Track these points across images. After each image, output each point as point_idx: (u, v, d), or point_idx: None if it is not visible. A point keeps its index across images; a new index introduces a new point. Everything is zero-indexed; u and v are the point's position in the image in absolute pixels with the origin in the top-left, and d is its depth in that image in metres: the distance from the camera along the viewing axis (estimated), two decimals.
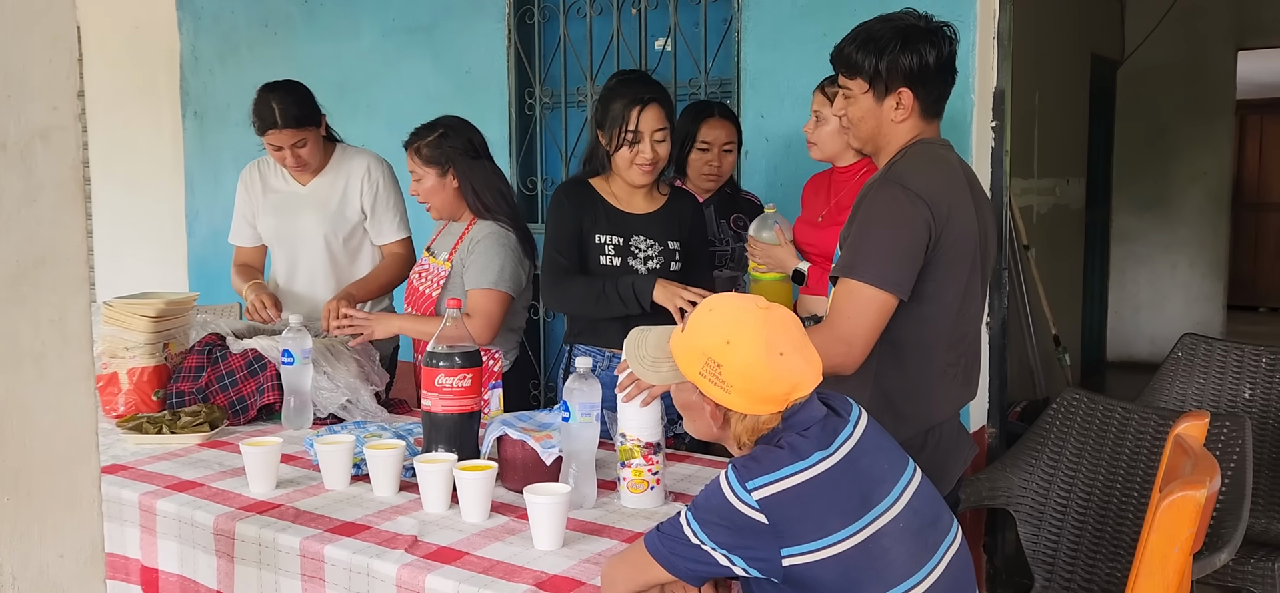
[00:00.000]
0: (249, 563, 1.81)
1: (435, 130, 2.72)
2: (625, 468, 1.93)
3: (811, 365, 1.49)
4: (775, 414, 1.48)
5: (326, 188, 3.09)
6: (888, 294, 1.83)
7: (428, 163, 2.71)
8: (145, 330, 2.60)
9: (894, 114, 1.95)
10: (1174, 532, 1.36)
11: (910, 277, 1.85)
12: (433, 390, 2.04)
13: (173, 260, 5.03)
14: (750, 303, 1.51)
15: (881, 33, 1.94)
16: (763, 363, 1.45)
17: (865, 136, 2.01)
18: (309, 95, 3.02)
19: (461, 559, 1.66)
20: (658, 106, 2.52)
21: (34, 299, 1.33)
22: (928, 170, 1.90)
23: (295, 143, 2.96)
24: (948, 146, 2.02)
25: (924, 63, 1.91)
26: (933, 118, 2.00)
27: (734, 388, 1.46)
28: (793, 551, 1.38)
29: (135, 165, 5.11)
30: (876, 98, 1.96)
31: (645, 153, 2.51)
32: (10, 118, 1.30)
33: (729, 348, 1.46)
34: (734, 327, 1.47)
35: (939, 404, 1.98)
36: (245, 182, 3.19)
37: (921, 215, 1.83)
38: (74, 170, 1.38)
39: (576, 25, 3.86)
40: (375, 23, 4.29)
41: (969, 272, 1.95)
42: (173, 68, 4.93)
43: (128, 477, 2.10)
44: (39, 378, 1.34)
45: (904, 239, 1.84)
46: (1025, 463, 2.68)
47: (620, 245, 2.56)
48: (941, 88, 1.98)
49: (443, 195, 2.72)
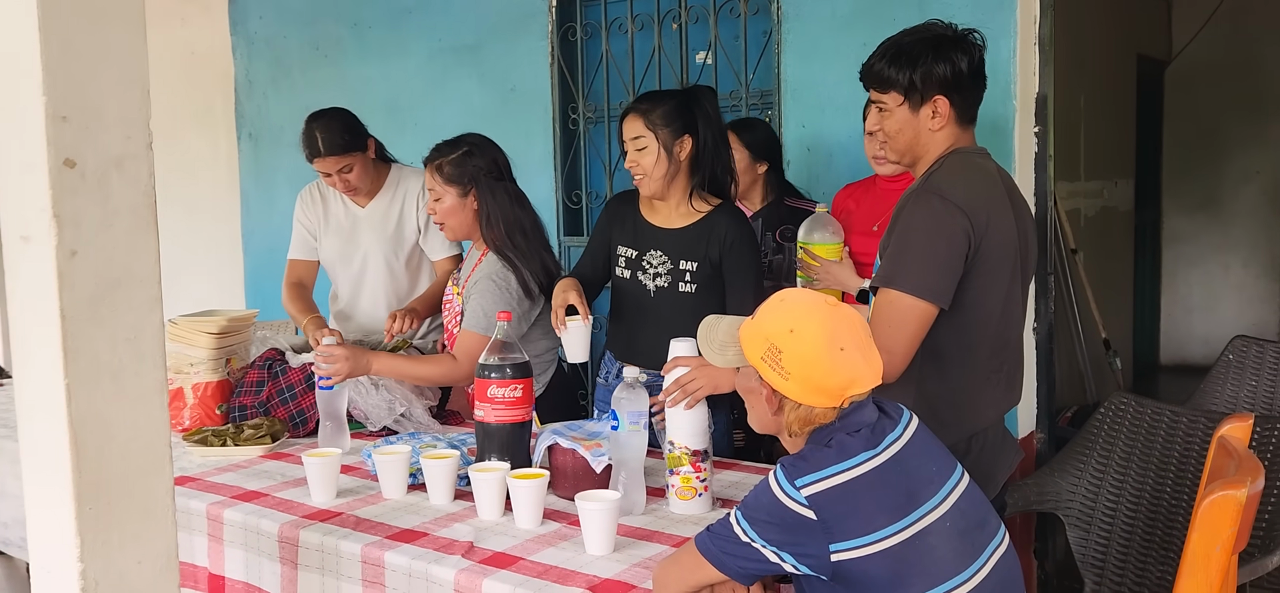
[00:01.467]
0: (312, 569, 1.88)
1: (459, 148, 2.65)
2: (674, 476, 1.97)
3: (871, 365, 1.53)
4: (830, 409, 1.52)
5: (383, 209, 3.16)
6: (928, 303, 1.85)
7: (449, 182, 2.63)
8: (209, 347, 2.70)
9: (931, 124, 1.98)
10: (1216, 531, 1.37)
11: (950, 285, 1.87)
12: (485, 401, 2.10)
13: (230, 279, 5.16)
14: (820, 298, 1.57)
15: (912, 45, 1.97)
16: (822, 354, 1.50)
17: (903, 149, 2.03)
18: (354, 122, 3.06)
19: (516, 564, 1.71)
20: (633, 116, 2.51)
21: (111, 319, 1.41)
22: (966, 179, 1.93)
23: (341, 169, 3.02)
24: (985, 154, 2.04)
25: (958, 70, 1.94)
26: (968, 125, 2.01)
27: (792, 375, 1.51)
28: (841, 546, 1.41)
29: (194, 188, 5.26)
30: (912, 109, 1.98)
31: (628, 162, 2.53)
32: (88, 148, 1.38)
33: (792, 336, 1.52)
34: (799, 317, 1.53)
35: (982, 410, 1.99)
36: (304, 199, 3.26)
37: (960, 225, 1.86)
38: (147, 196, 1.45)
39: (618, 41, 3.92)
40: (423, 44, 4.38)
41: (1009, 278, 1.96)
42: (228, 92, 5.07)
43: (195, 488, 2.19)
44: (117, 393, 1.42)
45: (943, 248, 1.86)
46: (1073, 467, 2.67)
47: (633, 258, 2.58)
48: (975, 93, 2.00)
49: (461, 216, 2.65)
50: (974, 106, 2.02)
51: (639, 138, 2.49)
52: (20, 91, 1.34)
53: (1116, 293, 6.06)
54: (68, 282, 1.35)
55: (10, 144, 1.38)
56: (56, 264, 1.34)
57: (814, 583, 1.47)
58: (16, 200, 1.38)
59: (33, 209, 1.35)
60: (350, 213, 3.19)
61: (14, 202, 1.39)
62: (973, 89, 1.99)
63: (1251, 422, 1.77)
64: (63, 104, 1.34)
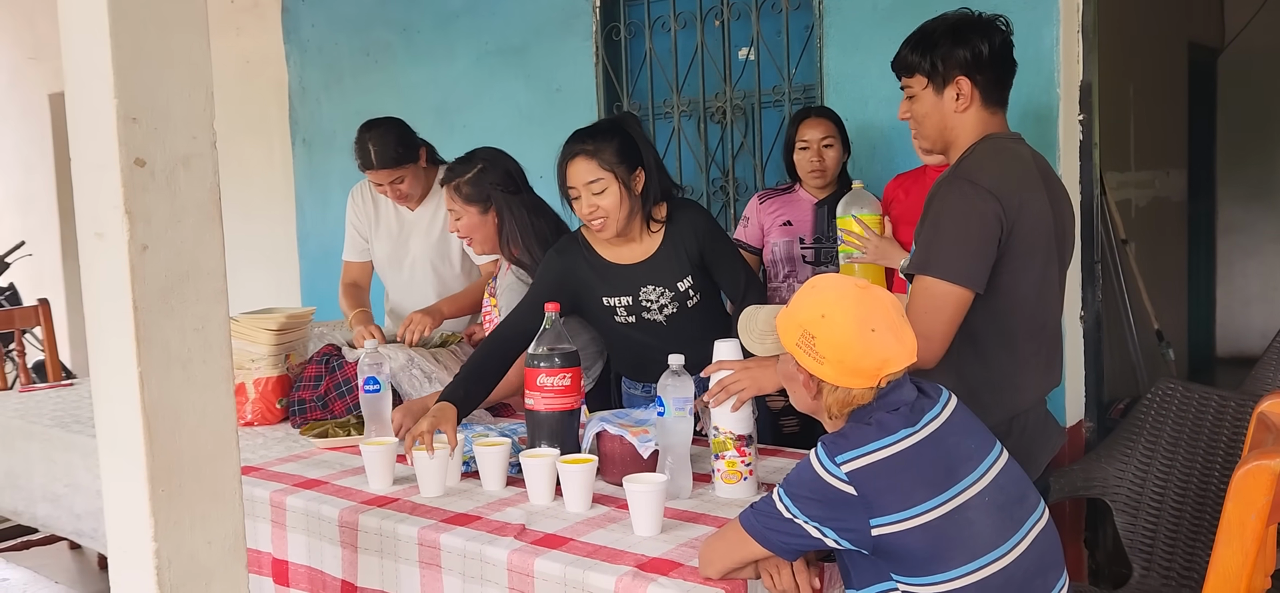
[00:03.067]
0: (371, 552, 1.95)
1: (473, 166, 2.66)
2: (719, 460, 2.01)
3: (903, 344, 1.56)
4: (868, 389, 1.56)
5: (432, 214, 3.21)
6: (962, 288, 1.87)
7: (469, 201, 2.65)
8: (269, 343, 2.79)
9: (955, 105, 1.99)
10: (1250, 500, 1.39)
11: (983, 270, 1.89)
12: (535, 390, 2.16)
13: (286, 280, 5.30)
14: (850, 282, 1.61)
15: (933, 29, 2.00)
16: (854, 337, 1.53)
17: (933, 134, 2.06)
18: (406, 132, 3.10)
19: (567, 545, 1.76)
20: (582, 158, 2.35)
21: (180, 310, 1.48)
22: (998, 164, 1.94)
23: (393, 181, 3.08)
24: (1018, 139, 2.05)
25: (977, 51, 1.96)
26: (995, 106, 2.02)
27: (827, 359, 1.55)
28: (881, 521, 1.45)
29: (249, 193, 5.40)
30: (936, 91, 2.01)
31: (583, 209, 2.37)
32: (157, 147, 1.45)
33: (824, 321, 1.56)
34: (830, 302, 1.57)
35: (1022, 393, 2.01)
36: (355, 200, 3.33)
37: (991, 209, 1.87)
38: (212, 193, 1.53)
39: (661, 39, 3.96)
40: (470, 47, 4.47)
41: (1044, 262, 1.98)
42: (282, 99, 5.20)
43: (259, 477, 2.27)
44: (186, 381, 1.49)
45: (975, 233, 1.88)
46: (1120, 453, 2.67)
47: (630, 305, 2.47)
48: (1000, 75, 2.01)
49: (485, 231, 2.68)
50: (1001, 89, 2.02)
51: (598, 181, 2.34)
52: (93, 94, 1.42)
53: (1170, 284, 5.97)
54: (139, 275, 1.43)
55: (84, 145, 1.46)
56: (129, 258, 1.42)
57: (855, 558, 1.51)
58: (90, 198, 1.46)
59: (106, 206, 1.43)
60: (400, 217, 3.25)
61: (88, 200, 1.47)
62: (997, 71, 2.00)
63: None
64: (133, 106, 1.42)
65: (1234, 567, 1.42)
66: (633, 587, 1.59)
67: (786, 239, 3.18)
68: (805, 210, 3.18)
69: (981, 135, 2.00)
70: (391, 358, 2.69)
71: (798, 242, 3.17)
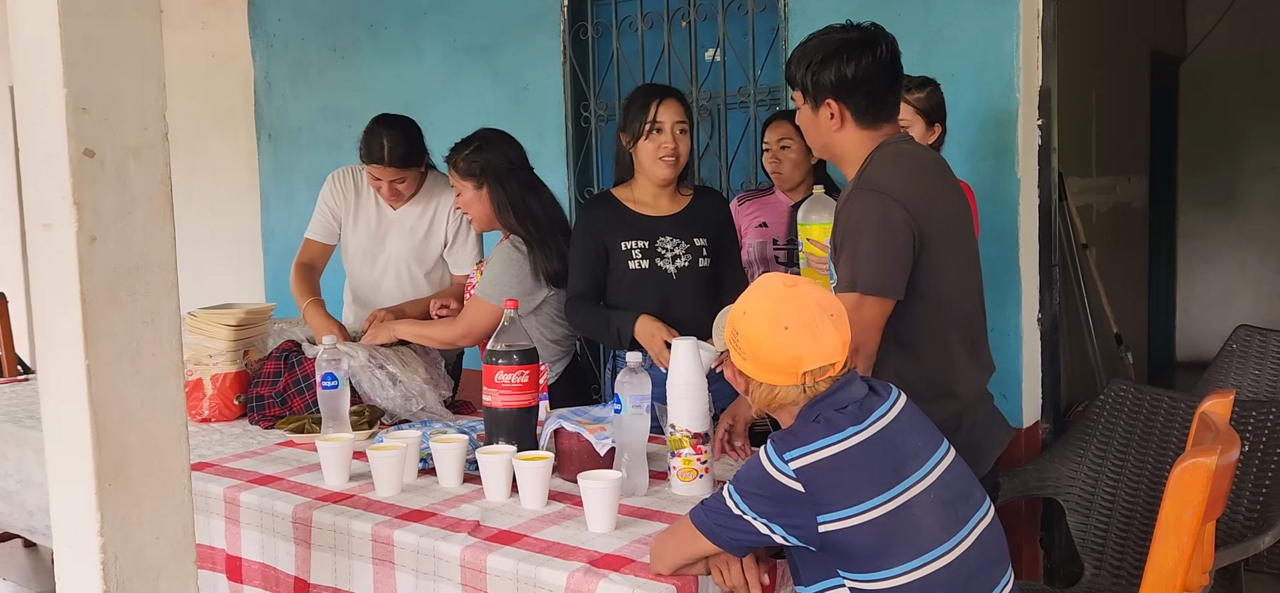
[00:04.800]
0: (325, 549, 1.94)
1: (471, 144, 2.79)
2: (675, 457, 2.02)
3: (820, 343, 1.55)
4: (792, 386, 1.57)
5: (416, 216, 3.20)
6: (886, 299, 1.91)
7: (465, 176, 2.78)
8: (227, 339, 2.77)
9: (830, 124, 2.01)
10: (1186, 497, 1.42)
11: (901, 276, 1.92)
12: (492, 387, 2.16)
13: (250, 276, 5.25)
14: (779, 280, 1.63)
15: (811, 47, 2.02)
16: (766, 334, 1.57)
17: (817, 146, 2.10)
18: (419, 137, 3.11)
19: (520, 541, 1.76)
20: (676, 101, 2.61)
21: (129, 303, 1.47)
22: (899, 170, 1.96)
23: (394, 180, 3.07)
24: (907, 139, 2.08)
25: (841, 76, 1.96)
26: (876, 123, 2.01)
27: (747, 356, 1.59)
28: (828, 518, 1.46)
29: (214, 188, 5.35)
30: (813, 109, 2.03)
31: (666, 143, 2.58)
32: (107, 138, 1.44)
33: (745, 318, 1.60)
34: (754, 299, 1.61)
35: (961, 384, 2.04)
36: (336, 183, 3.24)
37: (901, 216, 1.89)
38: (163, 185, 1.51)
39: (629, 39, 3.97)
40: (437, 44, 4.46)
41: (959, 254, 2.01)
42: (247, 94, 5.16)
43: (213, 472, 2.25)
44: (134, 374, 1.48)
45: (888, 242, 1.90)
46: (1073, 453, 2.71)
47: (646, 248, 2.63)
48: (871, 93, 1.98)
49: (480, 207, 2.79)
50: (876, 105, 2.00)
51: (684, 123, 2.62)
52: (42, 83, 1.41)
53: (1131, 289, 6.06)
54: (88, 267, 1.41)
55: (33, 134, 1.45)
56: (77, 250, 1.40)
57: (803, 554, 1.52)
58: (38, 189, 1.44)
59: (54, 197, 1.42)
60: (381, 213, 3.22)
61: (36, 190, 1.45)
62: (868, 91, 1.98)
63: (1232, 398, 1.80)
64: (83, 96, 1.40)
65: (1171, 563, 1.45)
66: (584, 583, 1.60)
67: (760, 240, 3.20)
68: (781, 212, 3.20)
69: (867, 149, 2.01)
70: (352, 356, 2.68)
71: (771, 243, 3.19)
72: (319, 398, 2.46)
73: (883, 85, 2.00)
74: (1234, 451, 1.50)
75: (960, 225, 2.04)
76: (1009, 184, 3.16)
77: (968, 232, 2.09)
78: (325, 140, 4.85)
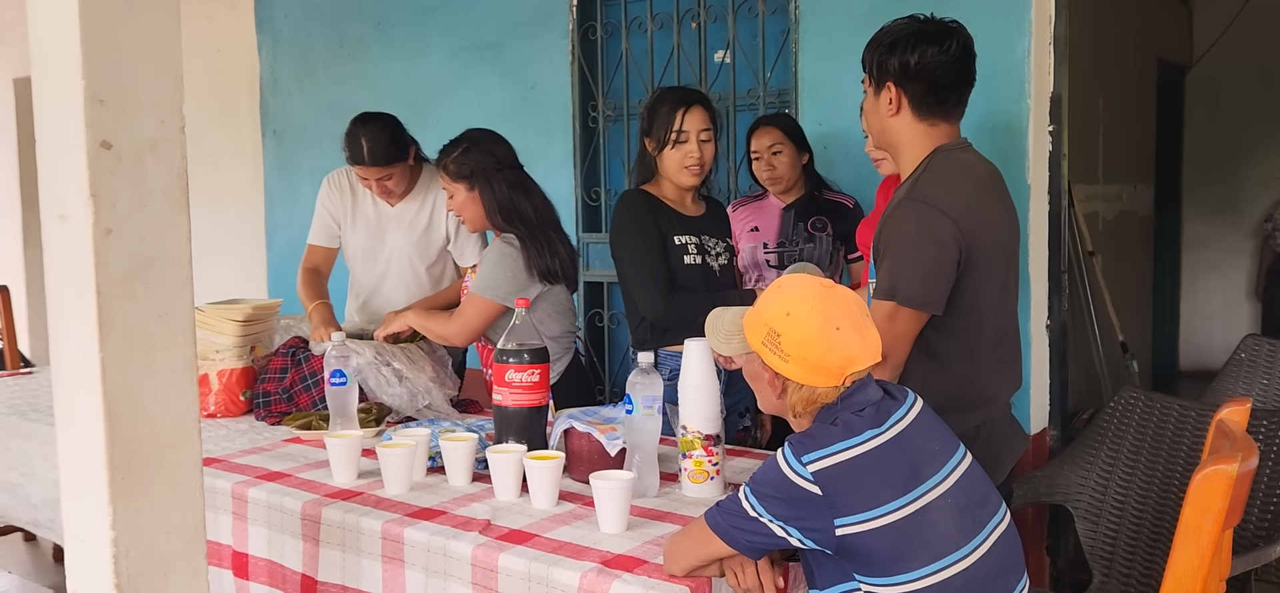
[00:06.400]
0: (333, 546, 1.93)
1: (459, 146, 2.77)
2: (686, 459, 2.01)
3: (867, 343, 1.57)
4: (832, 388, 1.56)
5: (414, 211, 3.19)
6: (921, 313, 1.90)
7: (455, 178, 2.76)
8: (234, 334, 2.76)
9: (887, 109, 2.02)
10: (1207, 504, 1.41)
11: (942, 291, 1.91)
12: (503, 386, 2.15)
13: (253, 273, 5.24)
14: (815, 281, 1.62)
15: (885, 31, 2.03)
16: (818, 335, 1.54)
17: (876, 133, 2.11)
18: (399, 131, 3.09)
19: (532, 541, 1.75)
20: (701, 108, 2.63)
21: (144, 296, 1.46)
22: (953, 182, 1.95)
23: (381, 178, 3.06)
24: (966, 146, 2.06)
25: (905, 63, 1.97)
26: (934, 118, 2.01)
27: (792, 358, 1.56)
28: (845, 521, 1.45)
29: (218, 183, 5.34)
30: (875, 92, 2.05)
31: (692, 152, 2.60)
32: (124, 130, 1.43)
33: (789, 319, 1.57)
34: (796, 300, 1.58)
35: (987, 402, 2.03)
36: (332, 186, 3.26)
37: (949, 233, 1.88)
38: (180, 178, 1.51)
39: (638, 40, 3.96)
40: (445, 42, 4.45)
41: (1003, 271, 2.01)
42: (253, 89, 5.16)
43: (220, 468, 2.24)
44: (148, 368, 1.47)
45: (933, 257, 1.89)
46: (1083, 460, 2.70)
47: (698, 246, 2.68)
48: (932, 87, 1.98)
49: (474, 209, 2.77)
50: (937, 102, 2.00)
51: (709, 131, 2.65)
52: (60, 75, 1.40)
53: (1135, 297, 6.05)
54: (103, 259, 1.41)
55: (50, 126, 1.44)
56: (93, 242, 1.40)
57: (819, 558, 1.52)
58: (55, 180, 1.44)
59: (70, 189, 1.41)
60: (379, 210, 3.22)
61: (52, 182, 1.44)
62: (929, 85, 1.98)
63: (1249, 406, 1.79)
64: (100, 88, 1.39)
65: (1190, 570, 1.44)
66: (597, 583, 1.59)
67: (752, 245, 3.20)
68: (773, 216, 3.20)
69: (922, 143, 2.01)
70: (359, 353, 2.67)
71: (762, 246, 3.19)
72: (327, 395, 2.44)
73: (946, 80, 2.00)
74: (1253, 458, 1.49)
75: (1007, 241, 2.03)
76: (1019, 190, 3.15)
77: (1013, 248, 2.08)
78: (330, 137, 4.79)
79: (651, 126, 2.65)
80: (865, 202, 3.24)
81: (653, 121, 2.64)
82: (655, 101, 2.69)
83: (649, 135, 2.67)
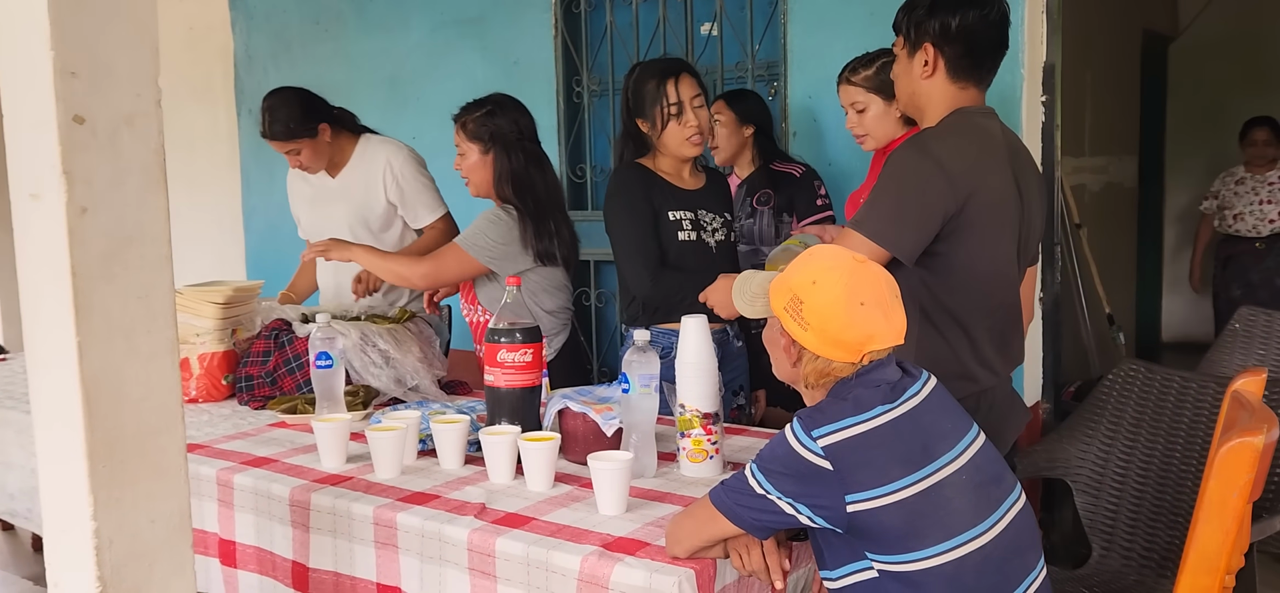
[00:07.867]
0: (324, 532, 1.88)
1: (484, 107, 2.72)
2: (685, 438, 1.97)
3: (891, 323, 1.52)
4: (848, 364, 1.52)
5: (352, 181, 3.16)
6: (884, 251, 1.87)
7: (472, 138, 2.70)
8: (214, 317, 2.69)
9: (922, 71, 2.01)
10: (1233, 478, 1.37)
11: (914, 239, 1.88)
12: (495, 366, 2.10)
13: (231, 255, 5.15)
14: (847, 255, 1.57)
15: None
16: (840, 307, 1.50)
17: (905, 97, 2.08)
18: (308, 105, 3.04)
19: (529, 524, 1.71)
20: (689, 75, 2.55)
21: (123, 277, 1.40)
22: (958, 138, 1.93)
23: (288, 152, 3.04)
24: (989, 114, 2.04)
25: (946, 24, 1.96)
26: (966, 81, 2.00)
27: (811, 326, 1.52)
28: (856, 497, 1.41)
29: (193, 163, 5.24)
30: (909, 55, 2.03)
31: (691, 122, 2.52)
32: (98, 104, 1.36)
33: (814, 288, 1.52)
34: (823, 270, 1.54)
35: (977, 372, 2.00)
36: (290, 174, 3.28)
37: (938, 187, 1.86)
38: (157, 154, 1.44)
39: (623, 12, 3.89)
40: (425, 17, 4.36)
41: (1003, 240, 1.98)
42: (227, 67, 5.05)
43: (204, 454, 2.18)
44: (128, 352, 1.41)
45: (913, 204, 1.87)
46: (1082, 434, 2.67)
47: (692, 221, 2.58)
48: (969, 49, 1.98)
49: (483, 173, 2.71)
50: (972, 65, 2.00)
51: (701, 97, 2.57)
52: (28, 47, 1.33)
53: (1120, 269, 6.04)
54: (78, 239, 1.34)
55: (19, 101, 1.37)
56: (67, 222, 1.33)
57: (830, 537, 1.47)
58: (26, 158, 1.37)
59: (43, 166, 1.34)
60: (322, 184, 3.20)
61: (23, 159, 1.37)
62: (967, 46, 1.98)
63: (1264, 376, 1.77)
64: (72, 60, 1.33)
65: (1214, 545, 1.40)
66: (598, 567, 1.54)
67: None
68: None
69: (950, 106, 1.99)
70: (344, 335, 2.61)
71: None
72: (313, 377, 2.38)
73: (983, 44, 2.00)
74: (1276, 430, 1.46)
75: (1014, 212, 1.99)
76: None
77: (1026, 221, 2.04)
78: None
79: (643, 106, 2.53)
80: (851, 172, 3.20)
81: (642, 100, 2.53)
82: (639, 79, 2.56)
83: (642, 116, 2.55)
